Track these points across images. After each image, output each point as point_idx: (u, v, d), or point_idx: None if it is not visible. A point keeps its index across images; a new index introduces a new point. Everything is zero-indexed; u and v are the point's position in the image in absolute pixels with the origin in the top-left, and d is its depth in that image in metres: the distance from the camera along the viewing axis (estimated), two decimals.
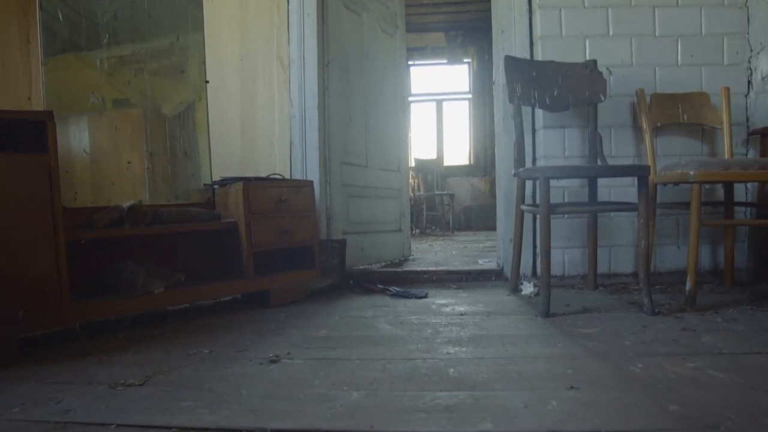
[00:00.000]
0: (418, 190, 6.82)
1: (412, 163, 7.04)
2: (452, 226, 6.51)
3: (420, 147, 7.84)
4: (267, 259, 2.27)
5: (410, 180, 6.99)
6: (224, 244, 2.18)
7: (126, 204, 1.96)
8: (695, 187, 1.87)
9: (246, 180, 2.10)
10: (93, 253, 1.89)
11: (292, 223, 2.20)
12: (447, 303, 2.13)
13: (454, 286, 2.50)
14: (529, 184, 2.49)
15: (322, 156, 2.73)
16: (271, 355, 1.43)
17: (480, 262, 3.25)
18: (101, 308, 1.71)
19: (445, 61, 7.78)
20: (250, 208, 2.08)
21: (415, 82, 7.81)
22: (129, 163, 2.12)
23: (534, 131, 2.54)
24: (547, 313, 1.84)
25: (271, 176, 2.29)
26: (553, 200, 2.49)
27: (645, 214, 1.87)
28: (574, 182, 2.49)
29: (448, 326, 1.73)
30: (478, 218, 7.43)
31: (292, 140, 2.67)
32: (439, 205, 7.09)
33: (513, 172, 2.22)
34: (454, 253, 3.94)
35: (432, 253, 3.93)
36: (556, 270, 2.49)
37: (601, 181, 2.38)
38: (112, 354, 1.48)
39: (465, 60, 7.76)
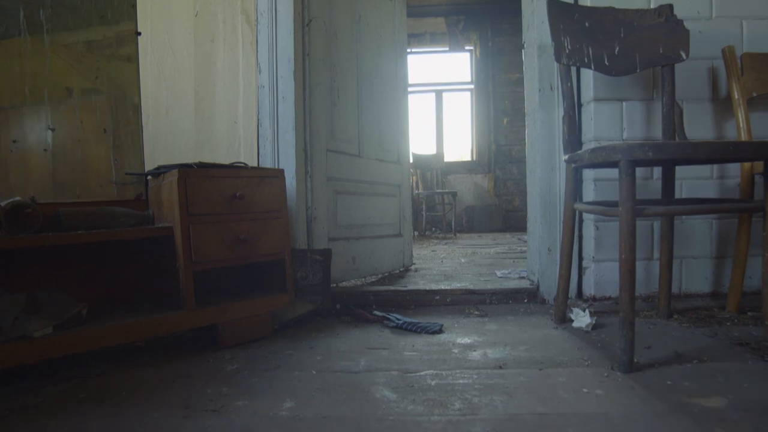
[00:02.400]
0: (417, 188, 6.19)
1: (410, 159, 6.41)
2: (454, 228, 5.89)
3: (418, 141, 7.22)
4: (218, 279, 1.64)
5: None
6: (159, 258, 1.54)
7: (5, 201, 1.32)
8: None
9: (183, 167, 1.46)
10: None
11: (253, 229, 1.56)
12: (473, 343, 1.50)
13: (476, 312, 1.87)
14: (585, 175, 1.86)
15: (300, 140, 2.09)
16: None
17: (498, 274, 2.62)
18: None
19: (446, 49, 7.16)
20: (189, 208, 1.44)
21: (412, 71, 7.18)
22: (14, 142, 1.47)
23: (579, 106, 1.92)
24: (630, 366, 1.21)
25: (235, 165, 1.65)
26: (605, 197, 1.88)
27: None
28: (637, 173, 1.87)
29: (486, 394, 1.10)
30: (482, 219, 6.82)
31: (260, 119, 2.02)
32: (439, 205, 6.47)
33: (566, 156, 1.59)
34: (463, 261, 3.31)
35: (437, 261, 3.30)
36: (610, 289, 1.88)
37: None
38: None
39: (467, 47, 7.14)
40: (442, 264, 3.17)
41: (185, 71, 2.13)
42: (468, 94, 7.18)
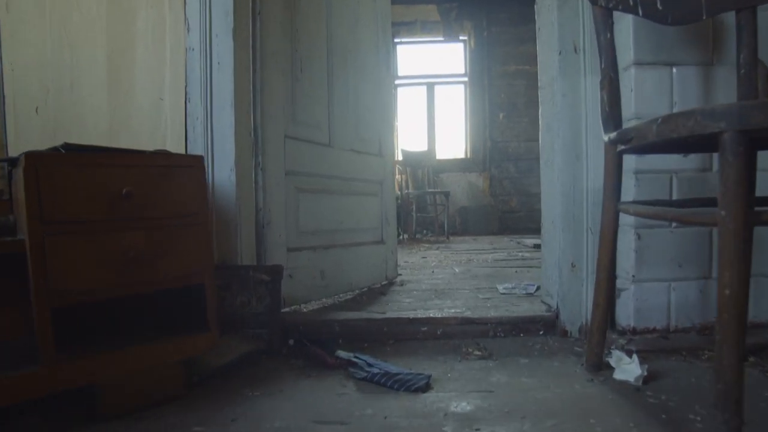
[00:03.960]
0: (406, 187, 5.71)
1: (399, 156, 5.94)
2: (447, 231, 5.41)
3: (408, 137, 6.74)
4: (103, 315, 1.15)
5: (397, 175, 5.89)
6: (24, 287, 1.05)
7: None
8: None
9: (31, 155, 0.96)
10: None
11: (152, 242, 1.06)
12: (474, 413, 1.01)
13: (477, 353, 1.38)
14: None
15: (245, 121, 1.59)
16: None
17: (501, 289, 2.15)
18: None
19: (438, 39, 6.69)
20: (45, 212, 0.94)
21: (402, 62, 6.71)
22: None
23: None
24: None
25: (129, 150, 1.15)
26: (648, 195, 1.41)
27: None
28: (686, 163, 1.40)
29: None
30: (476, 221, 6.35)
31: (189, 93, 1.52)
32: (431, 206, 6.00)
33: (609, 136, 1.10)
34: (457, 270, 2.83)
35: (427, 272, 2.82)
36: (655, 319, 1.40)
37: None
38: None
39: (461, 37, 6.68)
40: (433, 275, 2.69)
41: (96, 33, 1.63)
42: (462, 87, 6.71)
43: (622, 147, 1.04)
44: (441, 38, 6.64)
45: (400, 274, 2.67)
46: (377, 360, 1.26)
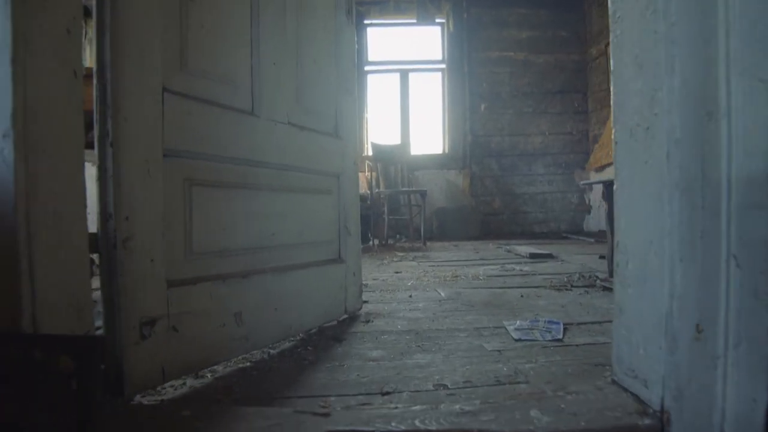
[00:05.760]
0: (377, 186, 4.99)
1: (369, 150, 5.22)
2: (423, 236, 4.72)
3: (380, 130, 6.03)
4: None
5: (366, 172, 5.17)
6: None
7: None
8: None
9: None
10: None
11: None
12: None
13: None
14: None
15: (57, 50, 0.84)
16: None
17: (512, 331, 1.46)
18: None
19: (413, 21, 5.99)
20: None
21: (373, 46, 5.99)
22: None
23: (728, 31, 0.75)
24: None
25: None
26: None
27: None
28: None
29: None
30: (456, 224, 5.68)
31: None
32: (405, 207, 5.29)
33: None
34: (443, 295, 2.13)
35: (402, 295, 2.10)
36: None
37: None
38: None
39: (438, 20, 6.00)
40: (411, 301, 1.97)
41: None
42: (439, 74, 6.03)
43: None
44: (416, 20, 5.95)
45: (366, 301, 1.94)
46: None
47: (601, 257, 3.34)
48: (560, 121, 5.89)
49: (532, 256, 3.35)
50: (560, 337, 1.42)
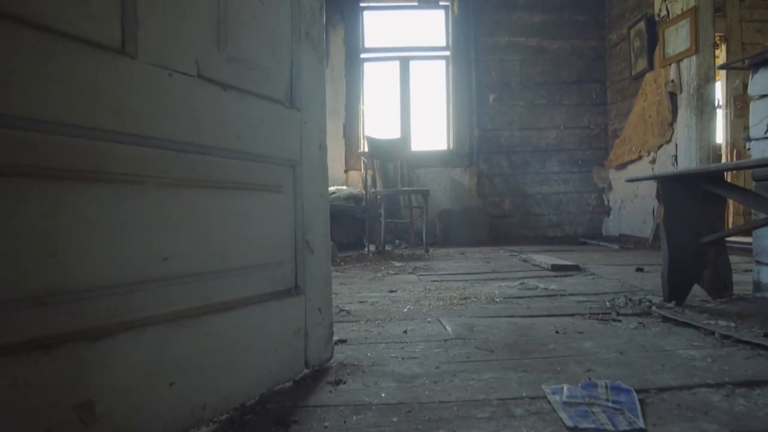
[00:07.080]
0: (374, 185, 4.44)
1: (365, 146, 4.67)
2: (426, 242, 4.16)
3: (377, 123, 5.47)
4: None
5: (361, 170, 4.61)
6: None
7: None
8: None
9: None
10: None
11: None
12: None
13: None
14: None
15: None
16: None
17: (563, 414, 0.91)
18: None
19: (414, 4, 5.44)
20: None
21: (370, 32, 5.44)
22: None
23: None
24: None
25: None
26: None
27: None
28: None
29: None
30: (462, 227, 5.12)
31: None
32: (405, 209, 4.73)
33: None
34: (449, 330, 1.57)
35: (395, 330, 1.55)
36: None
37: None
38: None
39: (441, 3, 5.44)
40: (405, 343, 1.41)
41: None
42: (443, 62, 5.47)
43: None
44: (417, 4, 5.39)
45: (344, 340, 1.39)
46: None
47: (638, 269, 2.78)
48: (576, 114, 5.32)
49: (555, 268, 2.79)
50: (641, 424, 0.87)
